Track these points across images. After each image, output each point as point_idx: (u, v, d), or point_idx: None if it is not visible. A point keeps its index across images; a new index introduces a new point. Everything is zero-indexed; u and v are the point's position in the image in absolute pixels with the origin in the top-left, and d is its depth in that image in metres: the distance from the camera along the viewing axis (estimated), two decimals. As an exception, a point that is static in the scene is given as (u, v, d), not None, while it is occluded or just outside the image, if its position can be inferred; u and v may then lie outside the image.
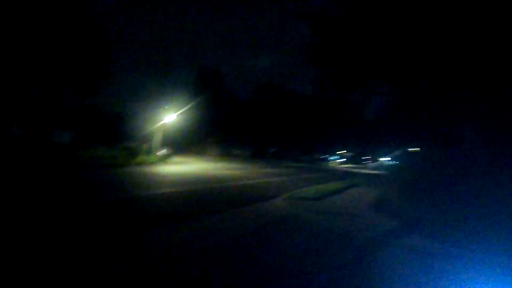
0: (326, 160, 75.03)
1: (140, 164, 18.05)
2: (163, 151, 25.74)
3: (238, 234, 5.25)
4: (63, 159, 15.32)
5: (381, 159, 62.70)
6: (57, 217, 5.45)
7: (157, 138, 24.82)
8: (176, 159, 26.09)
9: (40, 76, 21.69)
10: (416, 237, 5.66)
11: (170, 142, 29.19)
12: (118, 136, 26.17)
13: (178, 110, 26.67)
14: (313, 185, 13.74)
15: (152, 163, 19.06)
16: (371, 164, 61.96)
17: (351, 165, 72.67)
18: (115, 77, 41.92)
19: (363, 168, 60.61)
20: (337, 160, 77.50)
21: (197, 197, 8.86)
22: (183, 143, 41.78)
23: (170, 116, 25.14)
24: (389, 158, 55.08)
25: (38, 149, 18.16)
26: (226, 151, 51.60)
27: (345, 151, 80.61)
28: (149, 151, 21.68)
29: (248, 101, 53.43)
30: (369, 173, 35.57)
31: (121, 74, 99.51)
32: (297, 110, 52.57)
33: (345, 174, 30.65)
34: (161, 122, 24.94)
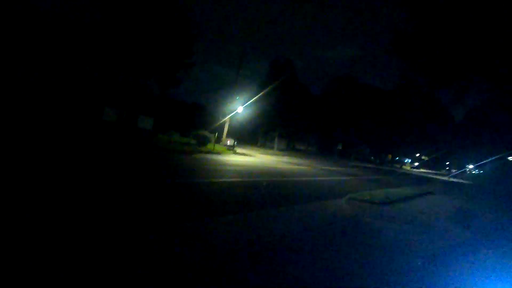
0: (398, 162, 69.23)
1: (208, 152, 19.16)
2: (229, 142, 26.85)
3: (291, 233, 5.18)
4: (144, 142, 17.17)
5: (466, 166, 55.23)
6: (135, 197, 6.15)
7: (225, 129, 25.98)
8: (240, 150, 27.01)
9: (130, 65, 24.49)
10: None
11: (236, 133, 30.30)
12: (192, 124, 28.17)
13: (248, 102, 27.44)
14: (381, 188, 12.82)
15: (219, 153, 20.06)
16: (452, 172, 55.13)
17: (428, 170, 65.68)
18: (195, 69, 44.69)
19: (442, 174, 54.24)
20: (411, 164, 70.89)
21: (262, 189, 9.02)
22: (248, 134, 42.97)
23: (239, 108, 26.03)
24: (473, 166, 48.09)
25: (125, 132, 20.68)
26: (290, 146, 51.38)
27: (421, 155, 73.21)
28: (217, 141, 22.85)
29: (320, 95, 51.94)
30: (448, 181, 31.69)
31: (201, 65, 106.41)
32: (371, 105, 49.14)
33: (420, 180, 27.87)
34: (231, 114, 26.00)
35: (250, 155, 23.48)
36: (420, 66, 11.07)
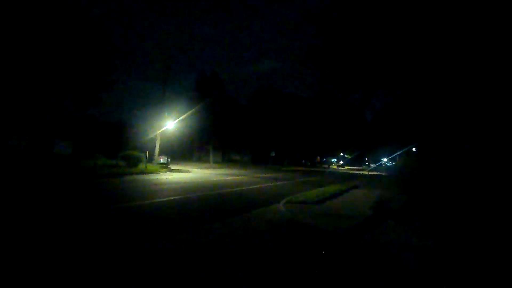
0: (326, 162, 75.23)
1: (140, 172, 18.09)
2: (162, 159, 25.76)
3: (236, 241, 5.31)
4: (64, 169, 15.35)
5: (381, 160, 62.86)
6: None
7: (156, 146, 24.86)
8: (175, 166, 26.13)
9: (40, 85, 21.78)
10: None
11: (169, 150, 29.26)
12: (119, 145, 26.21)
13: (177, 117, 26.74)
14: (313, 189, 13.80)
15: (152, 172, 19.10)
16: (371, 166, 62.14)
17: (351, 167, 72.88)
18: (116, 86, 41.84)
19: (363, 170, 60.77)
20: (337, 163, 77.79)
21: (201, 204, 8.90)
22: (182, 150, 41.83)
23: (169, 124, 25.22)
24: (387, 159, 55.12)
25: (38, 160, 18.22)
26: (225, 157, 51.59)
27: (345, 154, 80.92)
28: (149, 160, 21.73)
29: (247, 106, 53.55)
30: (369, 175, 35.62)
31: (122, 83, 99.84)
32: (296, 113, 52.70)
33: (345, 176, 30.72)
34: (161, 130, 25.00)
35: (185, 171, 22.90)
36: (331, 76, 12.43)
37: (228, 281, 3.57)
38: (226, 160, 50.77)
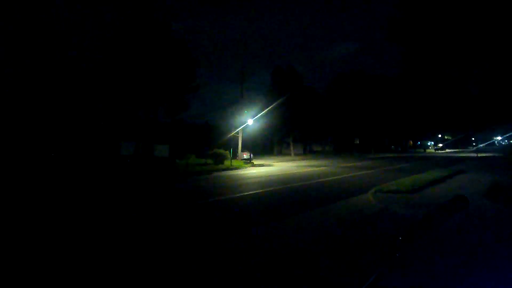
0: (420, 146, 67.06)
1: (226, 169, 19.23)
2: (246, 155, 26.86)
3: (314, 237, 5.05)
4: (164, 170, 17.45)
5: (493, 139, 52.83)
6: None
7: (239, 143, 26.07)
8: (258, 161, 26.95)
9: (139, 98, 25.30)
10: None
11: (251, 145, 30.33)
12: (206, 144, 28.45)
13: (256, 114, 27.52)
14: (407, 176, 12.38)
15: (237, 167, 20.09)
16: (480, 146, 52.82)
17: (454, 150, 63.12)
18: (201, 90, 45.56)
19: (470, 151, 51.99)
20: (435, 146, 68.44)
21: (286, 196, 8.91)
22: (263, 145, 42.92)
23: (249, 120, 26.13)
24: (502, 138, 45.89)
25: (144, 164, 21.11)
26: (306, 149, 50.83)
27: (444, 135, 70.64)
28: (233, 156, 22.95)
29: (327, 94, 51.44)
30: (477, 157, 30.32)
31: (206, 85, 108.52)
32: (381, 95, 48.20)
33: (447, 160, 26.81)
34: (241, 127, 26.11)
35: (268, 165, 23.37)
36: (420, 49, 10.81)
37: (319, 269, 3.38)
38: (307, 151, 50.05)
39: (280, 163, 25.52)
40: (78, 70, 24.30)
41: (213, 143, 26.92)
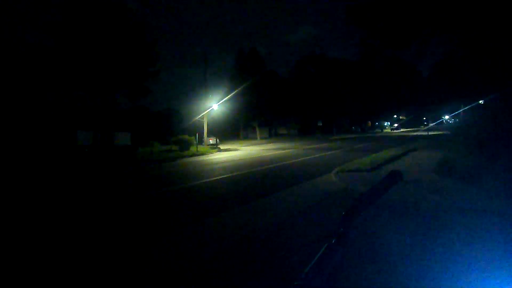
0: (378, 127, 71.05)
1: (192, 155, 18.93)
2: (212, 140, 26.61)
3: (288, 214, 5.23)
4: (126, 158, 16.74)
5: (442, 118, 57.29)
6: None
7: (205, 128, 25.66)
8: (224, 146, 26.86)
9: (95, 83, 23.63)
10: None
11: (217, 130, 30.07)
12: (170, 130, 27.70)
13: (221, 98, 27.14)
14: (366, 156, 13.09)
15: (203, 153, 19.86)
16: (431, 125, 57.19)
17: (408, 129, 67.77)
18: (162, 75, 43.72)
19: (422, 130, 56.17)
20: (391, 126, 72.92)
21: (252, 179, 9.01)
22: (229, 129, 42.73)
23: (213, 105, 25.73)
24: (449, 117, 49.99)
25: (104, 153, 20.06)
26: (272, 132, 51.53)
27: (399, 116, 75.34)
28: (199, 142, 22.61)
29: (289, 77, 52.02)
30: (429, 135, 32.83)
31: (168, 70, 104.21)
32: (342, 78, 49.83)
33: (402, 140, 28.72)
34: (206, 112, 25.66)
35: (234, 150, 23.41)
36: (378, 31, 11.23)
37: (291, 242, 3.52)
38: (273, 135, 50.78)
39: (246, 147, 25.67)
40: (27, 56, 22.04)
41: (177, 129, 26.27)
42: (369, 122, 69.71)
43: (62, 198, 7.59)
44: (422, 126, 70.73)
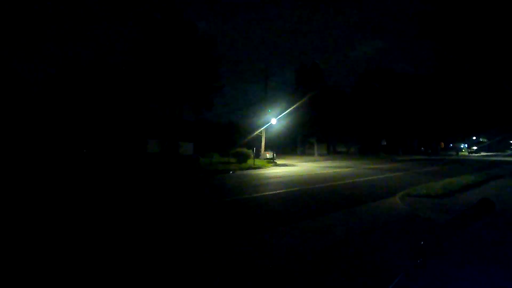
0: (453, 149, 63.77)
1: (249, 168, 19.28)
2: (268, 154, 26.81)
3: (344, 237, 4.89)
4: (188, 168, 17.83)
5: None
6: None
7: (262, 142, 26.07)
8: (280, 161, 26.80)
9: (164, 97, 25.99)
10: None
11: (274, 145, 30.26)
12: (229, 143, 28.76)
13: (280, 113, 27.40)
14: (437, 180, 11.77)
15: (259, 167, 20.09)
16: (519, 149, 49.28)
17: (489, 153, 59.37)
18: (225, 89, 45.94)
19: (507, 155, 48.67)
20: (469, 148, 64.78)
21: (308, 197, 8.77)
22: (286, 144, 42.66)
23: (272, 120, 26.06)
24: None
25: (169, 161, 21.67)
26: (330, 149, 49.90)
27: (479, 137, 66.69)
28: (256, 155, 22.99)
29: (352, 93, 50.15)
30: (518, 161, 28.31)
31: (231, 85, 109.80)
32: (411, 94, 46.13)
33: (482, 164, 25.28)
34: (265, 126, 26.10)
35: (290, 165, 23.19)
36: (454, 45, 10.21)
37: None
38: (331, 152, 49.16)
39: (303, 163, 25.24)
40: (108, 70, 25.37)
41: (236, 142, 27.15)
42: (442, 143, 63.12)
43: (144, 201, 8.32)
44: (508, 151, 61.62)
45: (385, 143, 48.66)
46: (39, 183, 11.45)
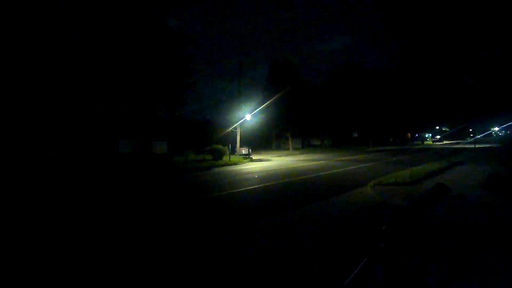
0: (418, 139, 67.26)
1: (225, 164, 19.21)
2: (244, 150, 26.83)
3: (321, 228, 5.06)
4: (163, 167, 17.42)
5: (491, 130, 52.95)
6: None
7: (237, 138, 26.00)
8: (256, 156, 26.95)
9: (135, 95, 25.09)
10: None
11: (249, 141, 30.31)
12: (204, 140, 28.40)
13: (254, 109, 27.43)
14: (405, 168, 12.40)
15: (235, 163, 20.08)
16: (477, 137, 52.99)
17: (451, 141, 63.30)
18: (198, 86, 45.23)
19: (467, 142, 52.20)
20: (433, 138, 68.64)
21: (285, 190, 8.91)
22: (261, 140, 42.88)
23: (247, 116, 26.05)
24: (499, 128, 46.04)
25: (142, 160, 21.05)
26: (304, 143, 50.83)
27: (442, 127, 70.85)
28: (231, 151, 22.92)
29: (323, 88, 51.26)
30: (475, 148, 30.45)
31: (203, 81, 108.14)
32: (378, 88, 47.98)
33: (445, 152, 26.91)
34: (239, 122, 26.03)
35: (266, 160, 23.39)
36: (418, 39, 10.74)
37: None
38: (305, 146, 50.09)
39: (278, 158, 25.55)
40: (74, 68, 24.09)
41: (211, 139, 26.88)
42: (409, 133, 66.33)
43: (118, 201, 8.03)
44: (468, 138, 65.92)
45: (357, 135, 50.34)
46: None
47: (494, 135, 51.48)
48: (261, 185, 10.12)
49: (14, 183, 11.74)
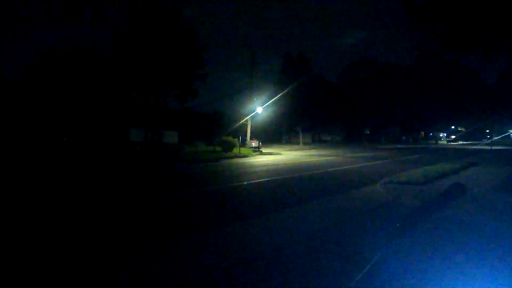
0: (433, 138, 65.81)
1: (234, 156, 19.26)
2: (254, 143, 26.84)
3: (325, 225, 5.00)
4: (173, 156, 17.58)
5: (509, 131, 51.29)
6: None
7: (248, 131, 26.04)
8: (266, 149, 26.91)
9: (147, 85, 25.31)
10: None
11: (259, 134, 30.26)
12: (215, 132, 28.55)
13: (266, 102, 27.31)
14: (418, 168, 12.17)
15: (245, 155, 20.10)
16: (494, 138, 51.49)
17: (467, 142, 61.68)
18: (210, 78, 45.26)
19: (483, 144, 50.78)
20: (448, 137, 67.03)
21: (293, 185, 8.88)
22: (272, 133, 42.76)
23: (258, 109, 25.98)
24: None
25: (153, 150, 21.30)
26: (315, 138, 50.48)
27: (457, 126, 69.07)
28: (241, 144, 22.96)
29: (337, 83, 50.54)
30: (492, 150, 29.61)
31: (216, 73, 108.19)
32: (393, 84, 46.91)
33: (460, 153, 26.27)
34: (250, 115, 26.02)
35: (276, 154, 23.32)
36: (438, 34, 10.38)
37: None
38: (316, 140, 49.76)
39: (288, 152, 25.45)
40: (89, 58, 24.42)
41: (222, 131, 26.96)
42: (422, 132, 64.93)
43: (131, 190, 8.18)
44: (484, 140, 64.16)
45: (368, 132, 49.64)
46: (16, 174, 11.05)
47: (514, 137, 49.90)
48: (269, 179, 10.11)
49: (29, 166, 12.09)
